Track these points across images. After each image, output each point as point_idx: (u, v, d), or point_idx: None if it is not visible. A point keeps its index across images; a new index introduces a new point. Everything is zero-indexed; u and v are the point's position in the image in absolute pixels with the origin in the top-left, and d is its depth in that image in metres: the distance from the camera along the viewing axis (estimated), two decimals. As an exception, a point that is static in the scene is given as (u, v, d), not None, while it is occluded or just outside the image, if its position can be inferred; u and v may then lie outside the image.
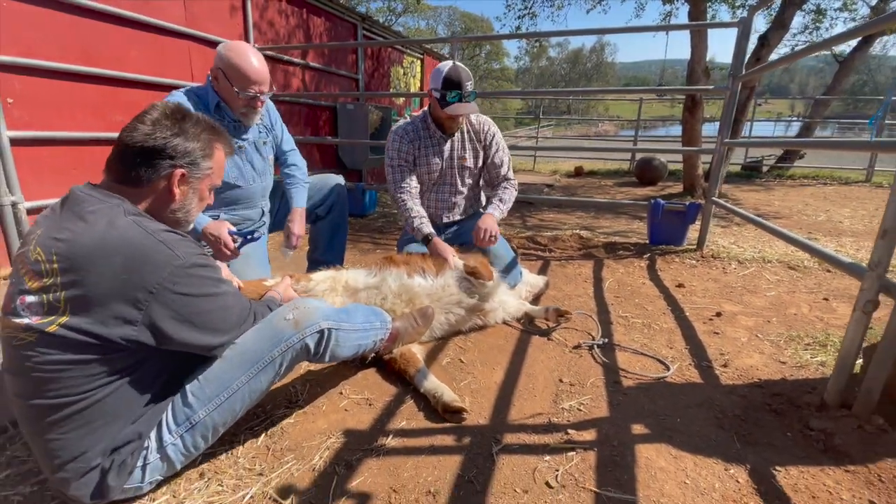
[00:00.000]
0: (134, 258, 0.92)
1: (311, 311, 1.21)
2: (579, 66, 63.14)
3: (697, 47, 5.13)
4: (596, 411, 1.46)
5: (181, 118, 1.06)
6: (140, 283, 0.92)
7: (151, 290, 0.93)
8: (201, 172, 1.10)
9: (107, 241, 0.91)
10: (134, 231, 0.94)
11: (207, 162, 1.11)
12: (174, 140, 1.03)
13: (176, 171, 1.04)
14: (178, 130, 1.04)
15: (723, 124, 3.07)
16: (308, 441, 1.32)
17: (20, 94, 2.62)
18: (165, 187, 1.05)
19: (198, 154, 1.07)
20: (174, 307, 0.96)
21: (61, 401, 0.93)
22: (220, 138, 1.16)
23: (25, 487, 1.12)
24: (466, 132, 2.37)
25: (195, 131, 1.07)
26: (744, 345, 1.91)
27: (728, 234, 4.01)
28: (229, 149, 1.21)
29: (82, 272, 0.89)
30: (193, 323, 1.00)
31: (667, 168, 7.78)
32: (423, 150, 2.32)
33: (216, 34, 3.89)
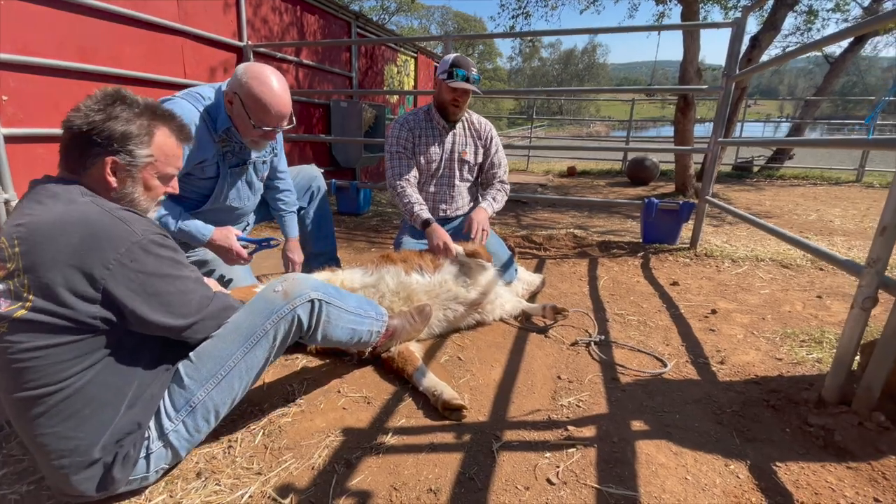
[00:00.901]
0: (91, 235, 0.91)
1: (299, 282, 1.21)
2: (571, 67, 63.45)
3: (690, 48, 5.18)
4: (595, 408, 1.47)
5: (112, 102, 1.01)
6: (98, 258, 0.90)
7: (108, 266, 0.91)
8: (137, 161, 1.04)
9: (65, 219, 0.91)
10: (91, 209, 0.94)
11: (144, 149, 1.05)
12: (101, 126, 0.98)
13: (106, 160, 1.00)
14: (106, 116, 0.99)
15: (716, 124, 3.10)
16: (307, 440, 1.31)
17: (15, 91, 2.58)
18: (100, 175, 1.01)
19: (131, 141, 1.02)
20: (132, 283, 0.94)
21: (42, 391, 0.91)
22: (166, 123, 1.10)
23: (22, 486, 1.10)
24: (468, 128, 2.43)
25: (127, 116, 1.01)
26: (740, 342, 1.93)
27: (720, 234, 4.04)
28: (181, 135, 1.15)
29: (41, 252, 0.88)
30: (151, 302, 0.98)
31: (659, 168, 7.84)
32: (423, 139, 2.35)
33: (209, 31, 3.86)
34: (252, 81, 1.59)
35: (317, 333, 1.25)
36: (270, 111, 1.63)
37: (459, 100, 2.25)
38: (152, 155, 1.07)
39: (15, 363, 0.90)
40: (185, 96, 1.68)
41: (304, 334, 1.23)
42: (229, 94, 1.65)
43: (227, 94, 1.66)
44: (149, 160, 1.06)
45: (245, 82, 1.59)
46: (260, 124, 1.66)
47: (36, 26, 2.63)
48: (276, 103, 1.63)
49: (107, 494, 1.01)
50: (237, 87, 1.62)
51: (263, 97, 1.60)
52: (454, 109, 2.27)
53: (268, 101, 1.61)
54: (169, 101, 1.66)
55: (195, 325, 1.07)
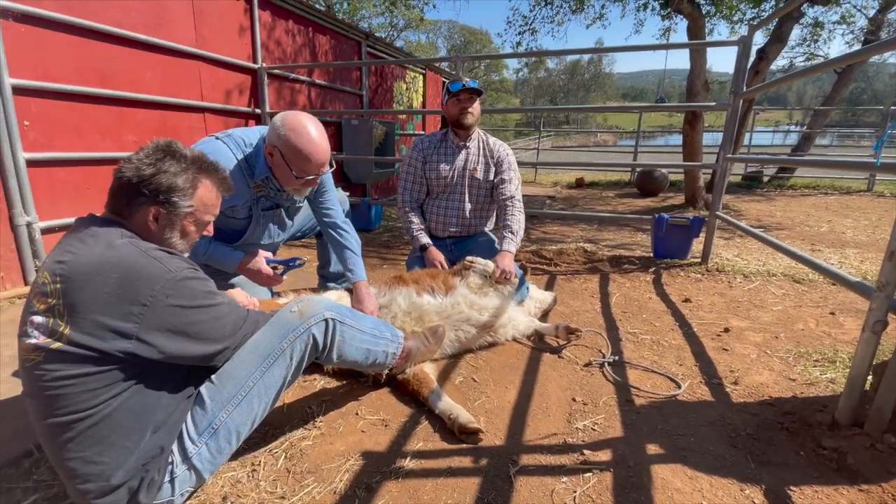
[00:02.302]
0: (128, 274, 0.96)
1: (314, 303, 1.27)
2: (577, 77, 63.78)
3: (697, 62, 5.22)
4: (610, 431, 1.48)
5: (162, 157, 1.08)
6: (135, 296, 0.96)
7: (145, 303, 0.97)
8: (179, 211, 1.11)
9: (104, 260, 0.96)
10: (128, 249, 1.00)
11: (186, 201, 1.12)
12: (150, 179, 1.06)
13: (150, 209, 1.08)
14: (156, 170, 1.06)
15: (725, 140, 3.12)
16: (327, 463, 1.34)
17: (37, 116, 2.68)
18: (143, 221, 1.09)
19: (176, 193, 1.09)
20: (168, 318, 1.00)
21: (71, 417, 0.96)
22: (210, 176, 1.17)
23: (60, 507, 1.14)
24: (482, 148, 2.53)
25: (175, 170, 1.08)
26: (753, 361, 1.93)
27: (731, 247, 4.04)
28: (223, 186, 1.22)
29: (80, 290, 0.94)
30: (188, 333, 1.04)
31: (668, 179, 7.85)
32: (435, 156, 2.50)
33: (225, 54, 3.97)
34: (290, 134, 1.60)
35: (332, 353, 1.29)
36: (311, 161, 1.65)
37: (466, 105, 2.38)
38: (193, 205, 1.14)
39: (47, 390, 0.95)
40: (228, 140, 1.73)
41: (320, 354, 1.27)
42: (269, 147, 1.66)
43: (268, 147, 1.67)
44: (189, 210, 1.13)
45: (283, 135, 1.61)
46: (302, 174, 1.67)
47: (57, 52, 2.74)
48: (316, 152, 1.65)
49: None
50: (276, 141, 1.63)
51: (304, 149, 1.62)
52: (465, 116, 2.39)
53: (308, 151, 1.62)
54: (212, 142, 1.71)
55: (227, 349, 1.13)
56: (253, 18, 4.22)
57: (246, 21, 4.19)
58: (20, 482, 1.23)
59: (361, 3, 17.43)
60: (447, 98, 2.43)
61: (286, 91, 4.84)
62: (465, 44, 41.24)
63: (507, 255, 2.17)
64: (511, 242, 2.27)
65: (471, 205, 2.51)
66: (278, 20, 4.61)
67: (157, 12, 3.33)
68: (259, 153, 1.74)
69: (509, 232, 2.31)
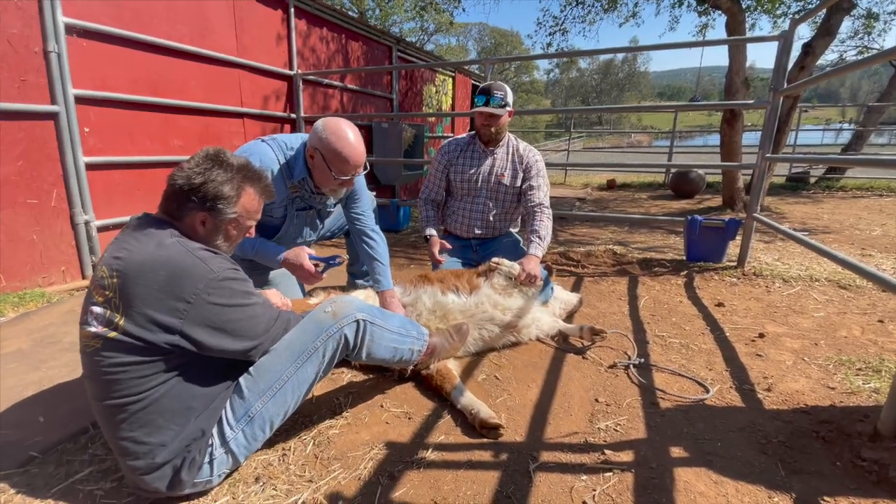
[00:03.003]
0: (175, 272, 1.05)
1: (347, 304, 1.34)
2: (611, 77, 62.38)
3: (736, 58, 5.04)
4: (633, 432, 1.47)
5: (211, 166, 1.16)
6: (180, 293, 1.05)
7: (189, 300, 1.05)
8: (224, 216, 1.19)
9: (154, 258, 1.05)
10: (176, 249, 1.08)
11: (231, 208, 1.20)
12: (199, 187, 1.14)
13: (198, 214, 1.16)
14: (204, 179, 1.14)
15: (764, 139, 3.01)
16: (353, 451, 1.39)
17: (95, 123, 2.90)
18: (191, 224, 1.18)
19: (222, 201, 1.17)
20: (209, 315, 1.08)
21: (124, 400, 1.06)
22: (254, 184, 1.25)
23: (106, 483, 1.24)
24: (512, 154, 2.52)
25: (222, 179, 1.16)
26: (789, 368, 1.86)
27: (772, 250, 3.87)
28: (265, 194, 1.30)
29: (133, 286, 1.03)
30: (225, 330, 1.12)
31: (704, 180, 7.58)
32: (461, 159, 2.53)
33: (263, 62, 4.16)
34: (331, 137, 1.76)
35: (361, 351, 1.35)
36: (349, 162, 1.79)
37: (486, 122, 2.39)
38: (237, 212, 1.22)
39: (104, 375, 1.04)
40: (272, 143, 1.87)
41: (350, 352, 1.33)
42: (311, 149, 1.82)
43: (309, 149, 1.82)
44: (234, 216, 1.22)
45: (325, 138, 1.76)
46: (340, 175, 1.82)
47: (113, 64, 2.96)
48: (354, 154, 1.79)
49: (175, 493, 1.14)
50: (317, 144, 1.78)
51: (343, 151, 1.76)
52: (485, 131, 2.42)
53: (348, 153, 1.77)
54: (258, 144, 1.85)
55: (260, 345, 1.20)
56: (289, 27, 4.40)
57: (283, 30, 4.37)
58: (78, 455, 1.35)
59: (393, 9, 17.75)
60: (473, 106, 2.46)
61: (319, 96, 5.01)
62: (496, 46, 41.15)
63: (533, 259, 2.16)
64: (538, 246, 2.25)
65: (495, 209, 2.53)
66: (313, 28, 4.78)
67: (202, 24, 3.53)
68: (298, 156, 1.87)
69: (536, 236, 2.29)
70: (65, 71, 2.63)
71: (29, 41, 2.52)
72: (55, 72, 2.59)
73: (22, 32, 2.48)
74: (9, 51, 2.44)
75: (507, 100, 2.36)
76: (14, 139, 2.51)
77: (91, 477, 1.27)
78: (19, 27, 2.47)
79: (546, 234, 2.32)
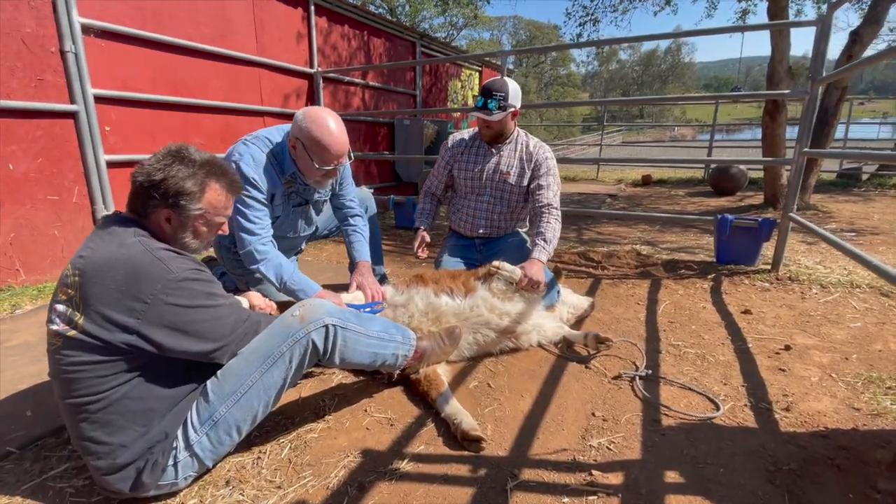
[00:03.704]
0: (132, 272, 1.03)
1: (316, 308, 1.29)
2: (653, 69, 59.95)
3: (779, 46, 4.66)
4: (627, 452, 1.36)
5: (171, 162, 1.14)
6: (137, 293, 1.03)
7: (146, 301, 1.03)
8: (188, 213, 1.17)
9: (114, 257, 1.04)
10: (136, 248, 1.07)
11: (195, 204, 1.17)
12: (160, 184, 1.12)
13: (162, 212, 1.14)
14: (165, 175, 1.12)
15: (801, 132, 2.76)
16: (328, 458, 1.36)
17: (116, 123, 3.01)
18: (157, 222, 1.16)
19: (184, 197, 1.14)
20: (167, 316, 1.06)
21: (83, 399, 1.05)
22: (219, 179, 1.22)
23: (79, 481, 1.26)
24: (520, 151, 2.39)
25: (183, 174, 1.14)
26: (813, 385, 1.68)
27: (814, 253, 3.57)
28: (233, 188, 1.26)
29: (92, 284, 1.02)
30: (186, 331, 1.09)
31: (747, 177, 7.12)
32: (466, 156, 2.43)
33: (283, 60, 4.21)
34: (311, 125, 1.72)
35: (334, 357, 1.30)
36: (331, 150, 1.75)
37: (484, 126, 2.29)
38: (202, 208, 1.20)
39: (64, 373, 1.05)
40: (256, 141, 1.83)
41: (322, 358, 1.29)
42: (292, 139, 1.79)
43: (291, 139, 1.80)
44: (199, 212, 1.20)
45: (305, 127, 1.72)
46: (322, 164, 1.78)
47: (133, 64, 3.06)
48: (335, 143, 1.74)
49: (138, 495, 1.13)
50: (298, 133, 1.75)
51: (323, 139, 1.72)
52: (484, 132, 2.33)
53: (328, 142, 1.73)
54: (240, 145, 1.82)
55: (224, 347, 1.17)
56: (310, 25, 4.43)
57: (303, 28, 4.41)
58: (56, 451, 1.37)
59: (422, 5, 17.70)
60: None
61: (341, 94, 5.03)
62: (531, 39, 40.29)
63: (536, 264, 2.02)
64: (542, 251, 2.10)
65: (500, 207, 2.42)
66: (334, 25, 4.80)
67: (223, 24, 3.60)
68: (284, 149, 1.84)
69: (542, 240, 2.14)
70: (83, 71, 2.73)
71: (44, 41, 2.63)
72: (73, 71, 2.70)
73: (36, 32, 2.59)
74: (23, 50, 2.56)
75: (508, 100, 2.20)
76: (32, 137, 2.64)
77: (65, 474, 1.29)
78: (33, 26, 2.58)
79: (553, 236, 2.17)
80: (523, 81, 39.00)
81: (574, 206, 6.40)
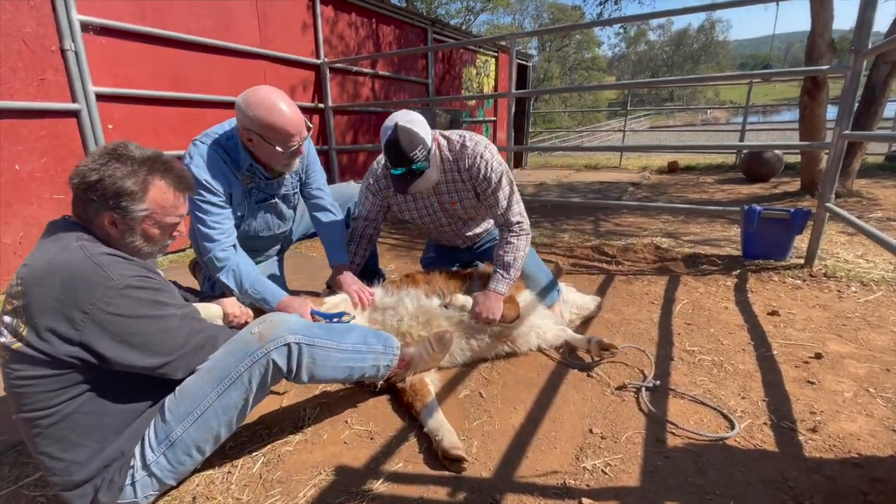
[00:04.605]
0: (70, 280, 0.96)
1: (276, 325, 1.18)
2: (684, 49, 57.34)
3: (819, 16, 4.26)
4: (624, 477, 1.22)
5: (106, 161, 1.05)
6: (75, 302, 0.96)
7: (85, 311, 0.96)
8: (133, 215, 1.08)
9: (52, 265, 0.97)
10: (76, 255, 0.99)
11: (139, 205, 1.08)
12: (95, 185, 1.03)
13: (104, 215, 1.06)
14: (100, 176, 1.03)
15: (842, 112, 2.48)
16: (299, 474, 1.28)
17: (119, 120, 3.00)
18: (101, 226, 1.08)
19: (125, 197, 1.05)
20: (109, 327, 0.98)
21: (34, 414, 1.00)
22: (164, 176, 1.12)
23: (51, 491, 1.22)
24: (451, 174, 1.85)
25: (121, 174, 1.05)
26: (846, 402, 1.49)
27: (854, 245, 3.27)
28: (181, 185, 1.17)
29: (32, 294, 0.96)
30: (130, 343, 1.01)
31: (782, 162, 6.65)
32: (398, 197, 1.96)
33: (288, 52, 4.13)
34: (260, 112, 1.58)
35: (301, 375, 1.21)
36: (289, 130, 1.63)
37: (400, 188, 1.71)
38: (148, 209, 1.11)
39: (13, 388, 1.00)
40: (205, 139, 1.72)
41: (288, 377, 1.20)
42: (244, 132, 1.65)
43: (242, 133, 1.66)
44: (144, 213, 1.11)
45: (254, 116, 1.59)
46: (287, 147, 1.66)
47: (133, 61, 3.03)
48: (291, 121, 1.62)
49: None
50: (249, 124, 1.61)
51: (278, 122, 1.60)
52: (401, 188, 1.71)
53: (284, 123, 1.61)
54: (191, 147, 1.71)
55: (174, 362, 1.09)
56: (315, 15, 4.33)
57: (308, 18, 4.31)
58: (28, 458, 1.35)
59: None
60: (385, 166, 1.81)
61: (349, 84, 4.93)
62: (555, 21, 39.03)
63: (492, 296, 1.73)
64: (500, 280, 1.76)
65: (466, 224, 2.08)
66: (341, 14, 4.68)
67: (224, 17, 3.54)
68: (237, 144, 1.72)
69: (500, 267, 1.79)
70: (84, 69, 2.72)
71: (45, 40, 2.62)
72: (74, 70, 2.69)
73: (36, 31, 2.59)
74: (24, 50, 2.56)
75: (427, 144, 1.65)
76: (37, 137, 2.65)
77: (40, 482, 1.27)
78: (33, 26, 2.57)
79: (513, 259, 1.79)
80: (546, 66, 37.97)
81: (593, 196, 6.15)
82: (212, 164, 1.68)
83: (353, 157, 5.12)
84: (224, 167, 1.72)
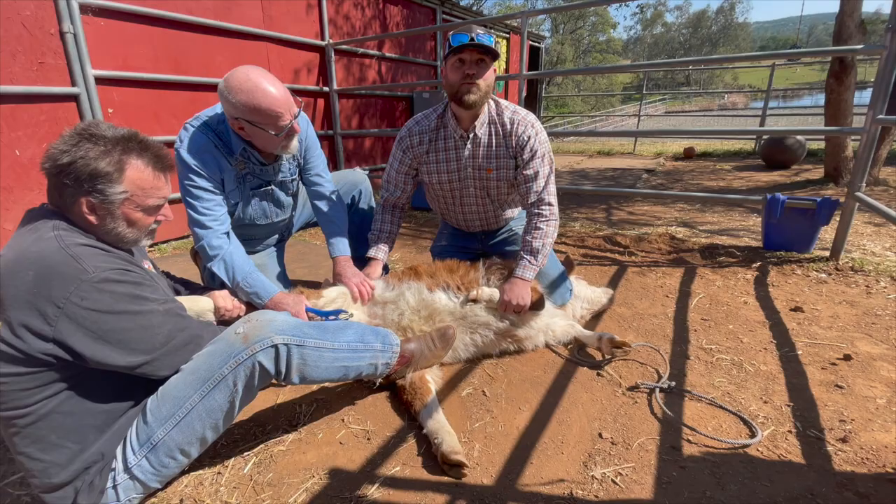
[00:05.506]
0: (43, 272, 0.90)
1: (262, 325, 1.11)
2: (702, 31, 55.59)
3: (851, -6, 4.02)
4: (636, 488, 1.14)
5: (77, 142, 0.98)
6: (49, 296, 0.90)
7: (59, 305, 0.90)
8: (111, 198, 1.01)
9: (24, 257, 0.92)
10: (50, 245, 0.93)
11: (116, 186, 1.01)
12: (67, 168, 0.96)
13: (81, 200, 0.99)
14: (72, 158, 0.96)
15: (876, 96, 2.31)
16: (291, 477, 1.22)
17: (119, 104, 2.93)
18: (79, 213, 1.01)
19: (101, 179, 0.98)
20: (84, 323, 0.92)
21: (10, 413, 0.95)
22: (140, 155, 1.04)
23: (34, 490, 1.18)
24: (494, 133, 1.81)
25: (94, 154, 0.97)
26: (879, 409, 1.38)
27: (882, 236, 3.11)
28: (160, 164, 1.09)
29: (5, 286, 0.90)
30: (107, 340, 0.95)
31: (805, 148, 6.41)
32: (432, 155, 1.88)
33: (292, 33, 4.01)
34: (245, 97, 1.49)
35: (291, 377, 1.13)
36: (278, 110, 1.54)
37: (471, 72, 1.64)
38: (126, 191, 1.03)
39: None
40: (196, 123, 1.65)
41: (277, 378, 1.13)
42: (233, 122, 1.58)
43: (232, 122, 1.59)
44: (124, 196, 1.03)
45: (239, 102, 1.50)
46: (279, 130, 1.59)
47: (134, 43, 2.95)
48: (279, 101, 1.54)
49: None
50: (236, 112, 1.53)
51: (265, 104, 1.51)
52: (469, 90, 1.65)
53: (271, 104, 1.52)
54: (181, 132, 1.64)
55: (154, 360, 1.02)
56: (320, -6, 4.19)
57: (313, -2, 4.18)
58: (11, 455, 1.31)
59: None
60: (447, 56, 1.70)
61: (355, 67, 4.80)
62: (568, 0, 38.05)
63: (519, 283, 1.68)
64: (528, 267, 1.71)
65: (492, 202, 1.98)
66: (347, -7, 4.53)
67: (226, -4, 3.43)
68: (228, 128, 1.64)
69: (528, 253, 1.73)
70: (83, 51, 2.64)
71: (44, 22, 2.54)
72: (73, 53, 2.61)
73: (35, 14, 2.51)
74: (24, 33, 2.49)
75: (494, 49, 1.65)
76: (36, 122, 2.60)
77: (23, 481, 1.22)
78: (32, 9, 2.50)
79: (542, 245, 1.74)
80: (559, 49, 37.11)
81: (605, 184, 5.98)
82: (202, 148, 1.61)
83: (359, 142, 5.01)
84: (215, 151, 1.64)
